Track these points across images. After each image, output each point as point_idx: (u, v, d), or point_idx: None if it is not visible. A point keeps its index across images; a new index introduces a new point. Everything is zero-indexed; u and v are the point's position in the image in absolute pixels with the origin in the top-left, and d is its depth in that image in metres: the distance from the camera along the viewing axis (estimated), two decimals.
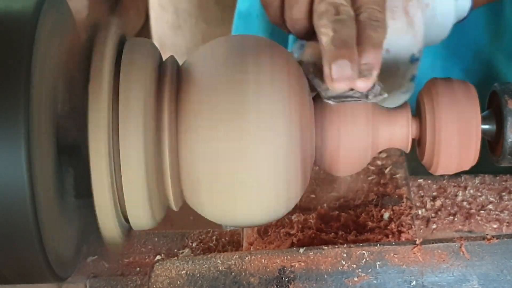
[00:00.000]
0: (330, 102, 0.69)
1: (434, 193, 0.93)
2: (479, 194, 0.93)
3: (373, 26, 0.69)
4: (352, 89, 0.68)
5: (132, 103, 0.67)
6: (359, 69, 0.67)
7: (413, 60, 0.81)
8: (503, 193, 0.93)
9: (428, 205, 0.92)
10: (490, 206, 0.91)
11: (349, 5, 0.69)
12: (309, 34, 0.73)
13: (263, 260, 0.70)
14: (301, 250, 0.71)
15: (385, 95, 0.69)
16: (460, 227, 0.90)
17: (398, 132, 0.74)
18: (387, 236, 0.80)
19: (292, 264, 0.70)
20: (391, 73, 0.82)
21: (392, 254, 0.70)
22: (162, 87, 0.69)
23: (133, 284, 0.81)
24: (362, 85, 0.67)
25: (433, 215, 0.91)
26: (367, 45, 0.68)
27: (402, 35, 0.80)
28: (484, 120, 0.74)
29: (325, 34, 0.67)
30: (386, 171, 0.88)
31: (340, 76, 0.66)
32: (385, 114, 0.74)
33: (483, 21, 1.06)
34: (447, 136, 0.73)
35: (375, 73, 0.68)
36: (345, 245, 0.71)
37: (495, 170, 0.87)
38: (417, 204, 0.92)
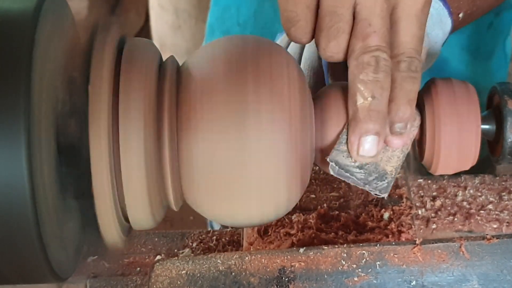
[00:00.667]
0: (330, 169, 0.69)
1: (434, 193, 0.93)
2: (479, 194, 0.93)
3: (410, 78, 0.68)
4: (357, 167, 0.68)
5: (132, 103, 0.67)
6: (393, 126, 0.68)
7: None
8: (503, 193, 0.93)
9: (428, 205, 0.92)
10: (490, 206, 0.91)
11: (389, 57, 0.68)
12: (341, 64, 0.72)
13: (263, 260, 0.70)
14: (301, 250, 0.71)
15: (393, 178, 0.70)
16: (460, 227, 0.91)
17: None
18: (387, 236, 0.80)
19: (292, 264, 0.70)
20: None
21: (392, 254, 0.70)
22: (162, 87, 0.69)
23: (133, 284, 0.81)
24: (397, 142, 0.69)
25: (433, 215, 0.91)
26: (403, 100, 0.68)
27: None
28: (484, 120, 0.75)
29: (362, 94, 0.67)
30: None
31: (367, 153, 0.67)
32: None
33: None
34: (447, 136, 0.73)
35: (408, 127, 0.69)
36: (345, 245, 0.71)
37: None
38: (417, 204, 0.92)
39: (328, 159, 0.69)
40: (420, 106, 0.75)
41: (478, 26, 1.15)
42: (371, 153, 0.67)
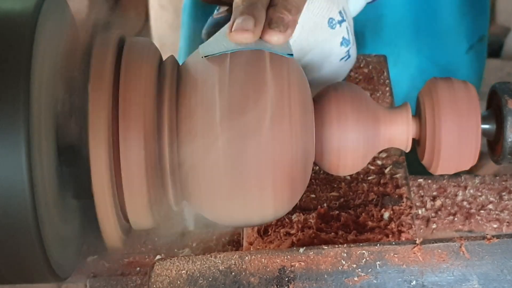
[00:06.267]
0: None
1: (434, 193, 0.93)
2: (479, 194, 0.93)
3: (287, 7, 0.70)
4: None
5: (132, 103, 0.67)
6: (273, 21, 0.69)
7: (332, 24, 0.81)
8: (503, 193, 0.93)
9: (428, 205, 0.92)
10: (490, 206, 0.92)
11: None
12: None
13: (263, 260, 0.70)
14: (301, 250, 0.71)
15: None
16: (460, 226, 0.91)
17: (398, 132, 0.74)
18: (387, 235, 0.80)
19: (292, 263, 0.70)
20: (313, 40, 0.82)
21: (392, 254, 0.70)
22: (162, 87, 0.69)
23: (133, 284, 0.81)
24: (275, 38, 0.69)
25: (433, 214, 0.91)
26: (283, 8, 0.70)
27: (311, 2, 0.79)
28: (484, 119, 0.75)
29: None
30: (386, 170, 0.88)
31: (240, 28, 0.68)
32: (385, 113, 0.74)
33: None
34: (447, 135, 0.73)
35: (290, 32, 0.70)
36: (345, 245, 0.71)
37: None
38: (417, 203, 0.92)
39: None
40: (420, 106, 0.75)
41: None
42: (246, 25, 0.68)
